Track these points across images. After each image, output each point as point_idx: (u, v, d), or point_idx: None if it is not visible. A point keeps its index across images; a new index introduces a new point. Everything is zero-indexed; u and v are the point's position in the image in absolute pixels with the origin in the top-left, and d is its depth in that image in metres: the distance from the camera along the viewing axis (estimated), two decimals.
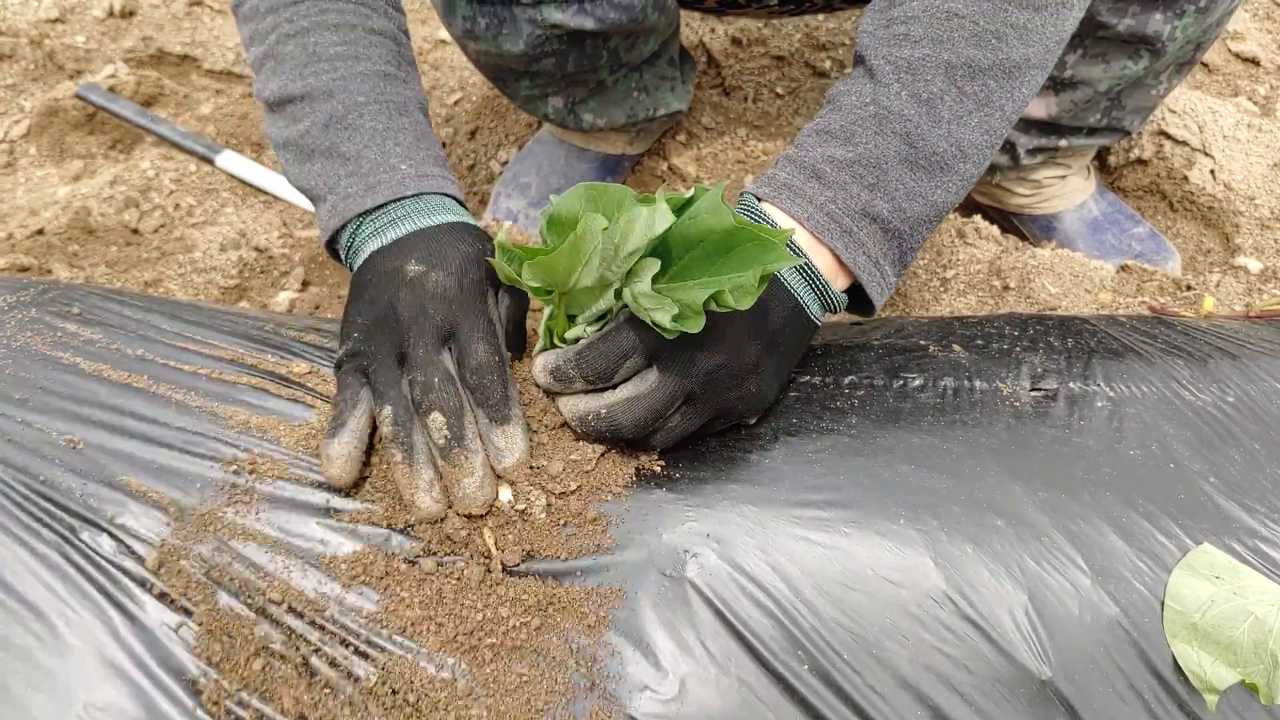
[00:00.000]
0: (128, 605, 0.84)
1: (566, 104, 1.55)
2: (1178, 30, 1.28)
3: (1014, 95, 0.94)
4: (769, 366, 0.89)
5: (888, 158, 0.92)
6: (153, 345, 0.99)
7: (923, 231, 0.96)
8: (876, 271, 0.94)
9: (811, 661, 0.79)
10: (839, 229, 0.92)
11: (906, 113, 0.91)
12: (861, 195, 0.92)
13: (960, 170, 0.94)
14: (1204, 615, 0.80)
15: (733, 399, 0.87)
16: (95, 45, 2.14)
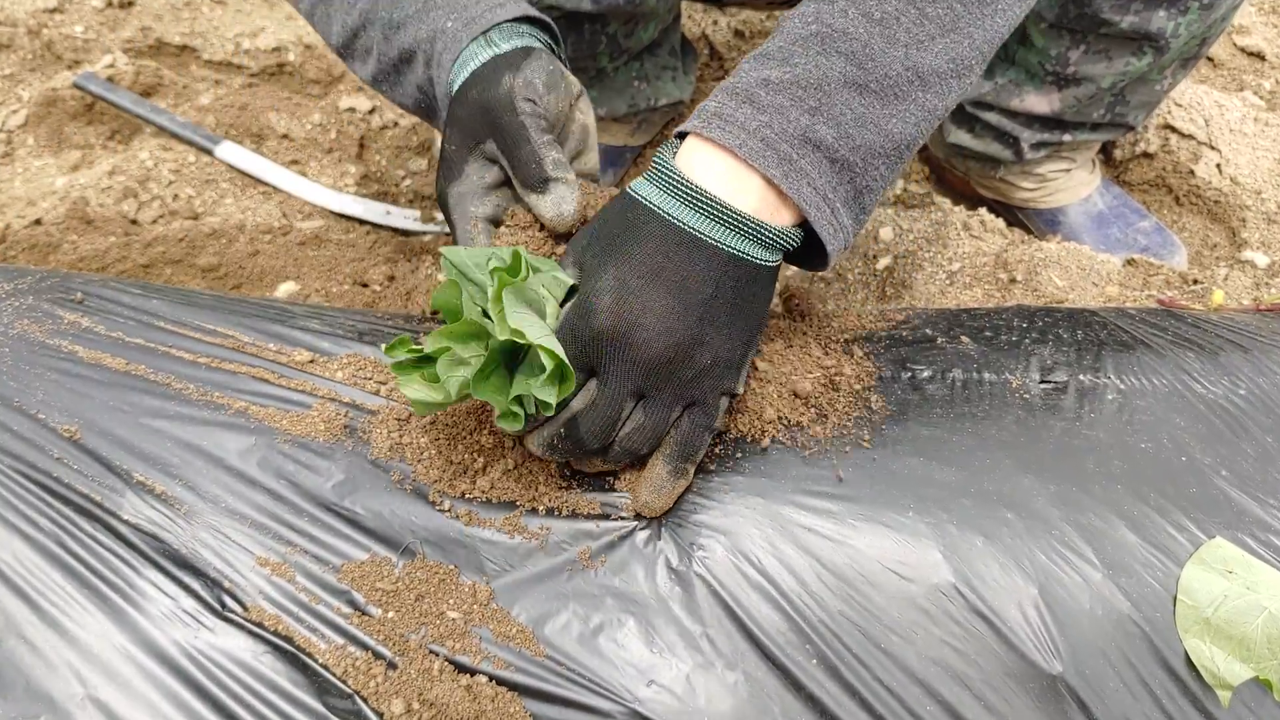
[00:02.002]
0: (128, 595, 0.83)
1: None
2: (1181, 27, 1.27)
3: (985, 25, 0.84)
4: (715, 334, 0.81)
5: (831, 79, 0.81)
6: (152, 334, 0.98)
7: (878, 166, 0.84)
8: (825, 206, 0.82)
9: (819, 655, 0.78)
10: (775, 156, 0.80)
11: (854, 31, 0.81)
12: (801, 119, 0.80)
13: (919, 100, 0.83)
14: (1217, 610, 0.79)
15: (689, 379, 0.81)
16: (94, 35, 2.13)
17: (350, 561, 0.84)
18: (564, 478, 0.87)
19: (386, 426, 0.90)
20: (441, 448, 0.88)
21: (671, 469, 0.82)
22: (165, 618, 0.82)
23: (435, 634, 0.81)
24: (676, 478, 0.83)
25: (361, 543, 0.85)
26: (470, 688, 0.79)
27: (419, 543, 0.85)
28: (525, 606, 0.82)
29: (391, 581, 0.83)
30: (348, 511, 0.86)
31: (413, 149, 1.90)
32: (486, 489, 0.86)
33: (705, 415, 0.83)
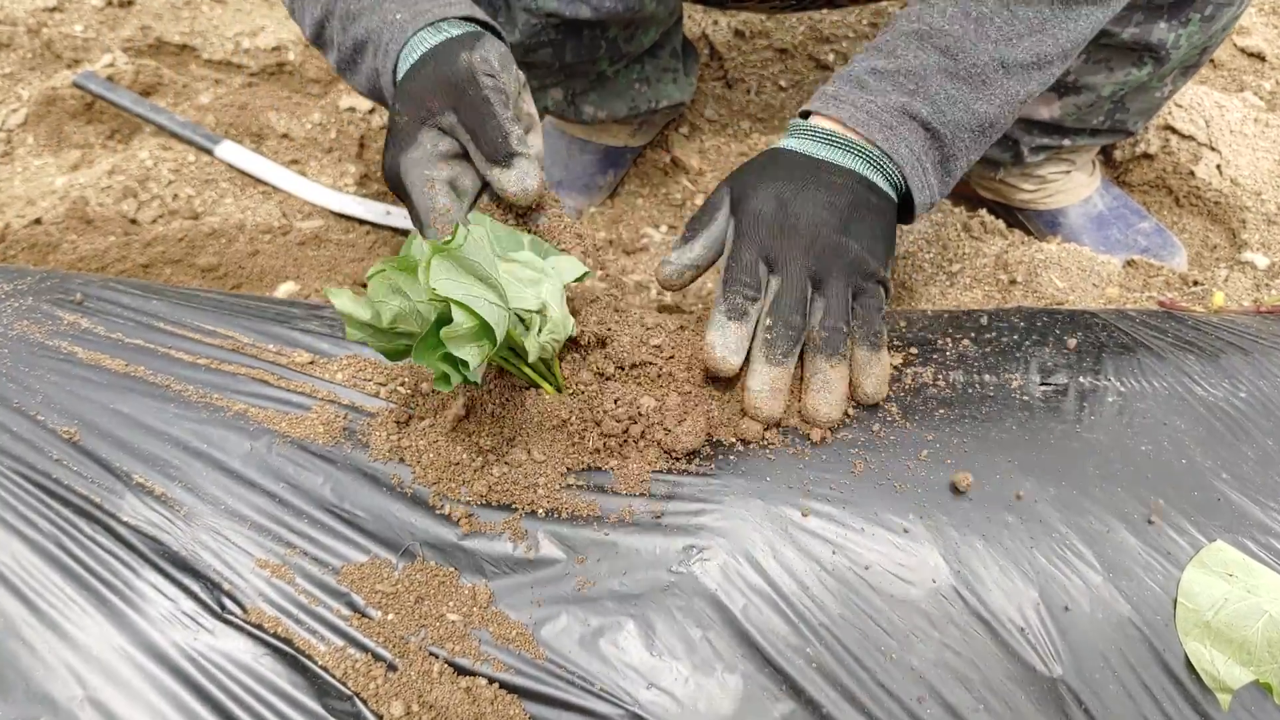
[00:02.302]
0: (128, 596, 0.83)
1: (566, 96, 1.54)
2: (1182, 38, 1.27)
3: (1069, 28, 1.00)
4: (859, 228, 0.94)
5: (927, 68, 0.99)
6: (152, 335, 0.98)
7: (964, 138, 1.01)
8: (919, 166, 0.99)
9: (818, 658, 0.78)
10: (878, 124, 0.98)
11: (949, 28, 0.99)
12: (899, 98, 0.99)
13: (1003, 86, 1.00)
14: (1217, 614, 0.79)
15: (850, 261, 0.92)
16: (93, 34, 2.13)
17: (350, 564, 0.84)
18: (562, 479, 0.87)
19: (386, 429, 0.90)
20: (441, 450, 0.88)
21: (868, 346, 0.91)
22: (165, 619, 0.82)
23: (435, 636, 0.81)
24: (874, 352, 0.91)
25: (361, 544, 0.85)
26: (470, 690, 0.79)
27: (418, 544, 0.85)
28: (524, 609, 0.82)
29: (391, 584, 0.83)
30: (347, 513, 0.86)
31: None
32: (485, 491, 0.86)
33: (872, 298, 0.93)
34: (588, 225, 1.70)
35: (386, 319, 0.79)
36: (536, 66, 1.44)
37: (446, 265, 0.76)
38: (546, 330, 0.84)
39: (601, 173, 1.72)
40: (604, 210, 1.72)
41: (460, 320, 0.75)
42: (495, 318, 0.77)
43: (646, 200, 1.75)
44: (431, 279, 0.75)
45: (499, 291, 0.79)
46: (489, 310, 0.76)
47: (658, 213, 1.72)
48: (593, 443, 0.87)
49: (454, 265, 0.76)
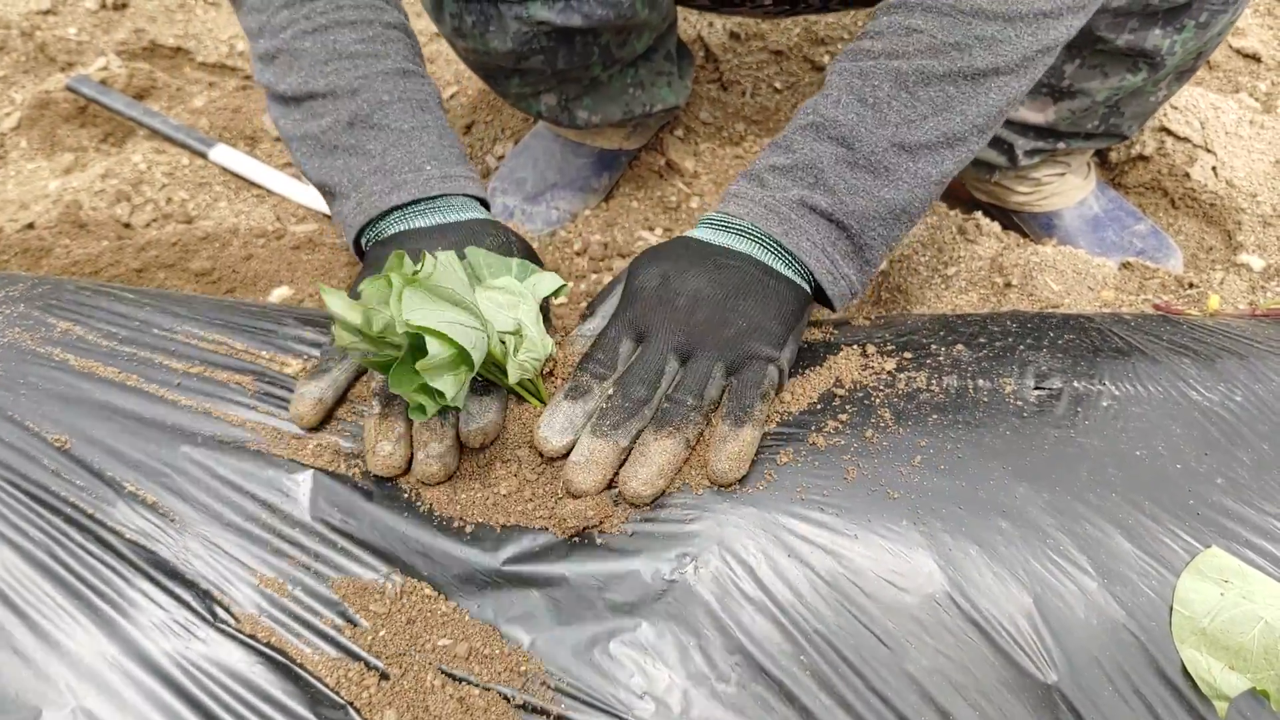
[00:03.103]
0: (119, 605, 0.82)
1: (560, 101, 1.53)
2: (1177, 45, 1.27)
3: (980, 101, 0.96)
4: (748, 305, 0.91)
5: (823, 159, 0.96)
6: (144, 342, 0.97)
7: (874, 226, 0.97)
8: (824, 257, 0.96)
9: (812, 666, 0.78)
10: (776, 218, 0.96)
11: (844, 118, 0.96)
12: (798, 192, 0.96)
13: (909, 169, 0.96)
14: (1213, 620, 0.79)
15: (728, 338, 0.89)
16: (87, 37, 2.12)
17: (343, 576, 0.84)
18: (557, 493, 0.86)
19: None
20: None
21: (731, 421, 0.85)
22: (156, 628, 0.82)
23: (427, 654, 0.81)
24: (736, 428, 0.84)
25: (355, 554, 0.85)
26: (463, 700, 0.79)
27: (412, 554, 0.85)
28: (519, 620, 0.82)
29: (384, 604, 0.83)
30: (340, 523, 0.86)
31: None
32: (480, 503, 0.85)
33: (753, 374, 0.88)
34: (583, 228, 1.69)
35: (376, 327, 0.79)
36: (528, 73, 1.44)
37: (419, 296, 0.76)
38: (524, 350, 0.84)
39: (596, 175, 1.72)
40: (599, 213, 1.72)
41: (436, 351, 0.75)
42: (471, 341, 0.77)
43: (641, 203, 1.74)
44: (404, 311, 0.74)
45: (475, 314, 0.79)
46: (464, 335, 0.76)
47: (653, 215, 1.72)
48: None
49: (426, 295, 0.76)
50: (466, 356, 0.77)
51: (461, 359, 0.76)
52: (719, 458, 0.84)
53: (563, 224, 1.69)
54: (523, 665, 0.80)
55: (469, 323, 0.77)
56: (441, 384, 0.76)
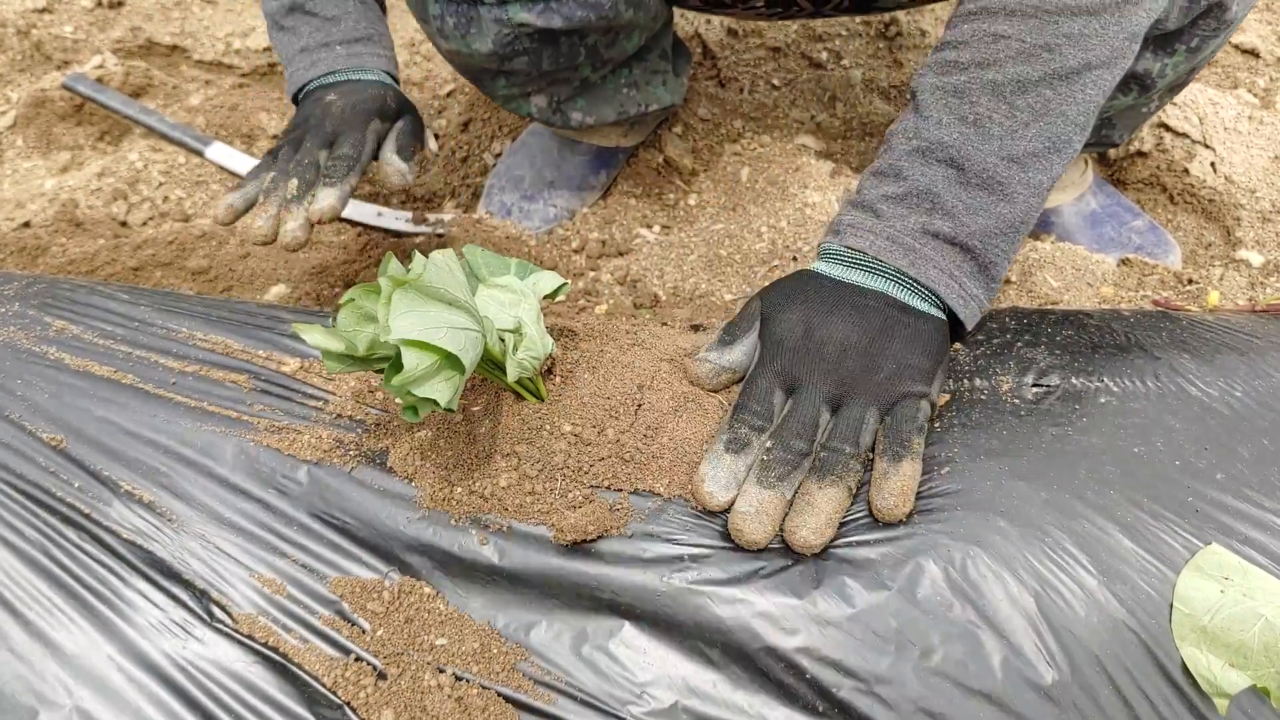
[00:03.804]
0: (116, 605, 0.82)
1: (551, 103, 1.52)
2: (1168, 68, 1.27)
3: (1077, 99, 0.95)
4: (894, 346, 0.91)
5: (937, 184, 0.95)
6: (140, 341, 0.97)
7: (997, 243, 0.96)
8: (953, 283, 0.95)
9: (813, 671, 0.78)
10: (901, 249, 0.95)
11: (949, 139, 0.95)
12: (918, 220, 0.95)
13: (1022, 180, 0.95)
14: (1213, 618, 0.78)
15: (879, 383, 0.89)
16: (83, 35, 2.12)
17: (341, 575, 0.84)
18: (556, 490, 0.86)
19: (376, 435, 0.90)
20: (431, 459, 0.87)
21: (889, 458, 0.85)
22: (153, 628, 0.82)
23: (424, 656, 0.81)
24: (894, 463, 0.84)
25: (352, 553, 0.85)
26: (461, 699, 0.79)
27: (409, 551, 0.84)
28: (515, 618, 0.81)
29: (382, 604, 0.83)
30: (338, 521, 0.86)
31: None
32: (477, 501, 0.85)
33: (906, 412, 0.88)
34: (580, 226, 1.69)
35: (364, 348, 0.78)
36: (513, 74, 1.43)
37: (409, 297, 0.75)
38: (523, 348, 0.84)
39: (594, 173, 1.71)
40: (596, 211, 1.72)
41: (412, 364, 0.74)
42: (461, 344, 0.75)
43: (639, 200, 1.74)
44: (392, 316, 0.73)
45: (470, 313, 0.78)
46: (453, 338, 0.75)
47: (650, 213, 1.72)
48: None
49: (417, 295, 0.75)
50: (455, 361, 0.76)
51: (450, 363, 0.76)
52: (882, 494, 0.83)
53: (560, 222, 1.69)
54: (520, 664, 0.80)
55: (461, 324, 0.76)
56: (431, 392, 0.75)
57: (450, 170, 1.85)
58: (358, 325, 0.78)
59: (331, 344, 0.78)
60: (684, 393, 0.91)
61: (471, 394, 0.91)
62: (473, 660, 0.80)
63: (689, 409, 0.90)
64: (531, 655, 0.80)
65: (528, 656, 0.80)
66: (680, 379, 0.92)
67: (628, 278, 1.53)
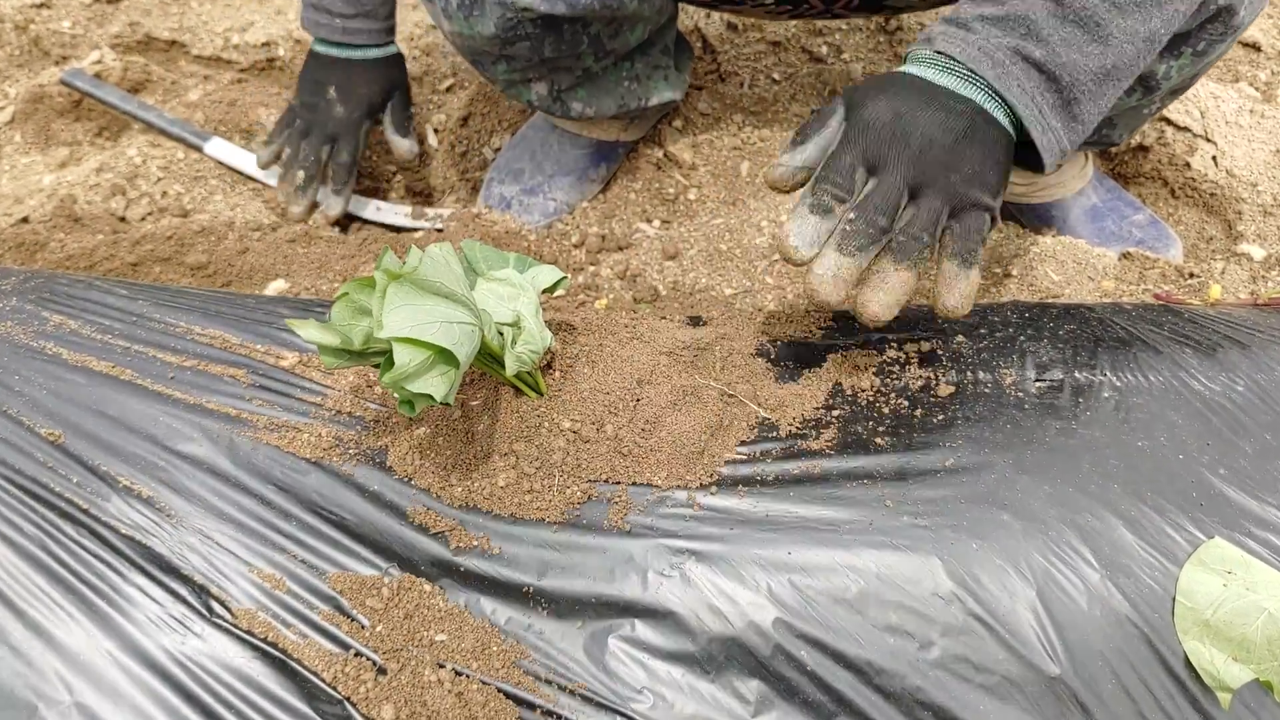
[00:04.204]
0: (114, 600, 0.82)
1: (552, 91, 1.52)
2: (1173, 70, 1.26)
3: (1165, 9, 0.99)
4: (972, 152, 0.93)
5: (1035, 11, 0.96)
6: (138, 336, 0.97)
7: (1085, 83, 0.97)
8: (1034, 106, 0.96)
9: (814, 663, 0.77)
10: (989, 61, 0.96)
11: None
12: (1011, 40, 0.96)
13: (1120, 25, 0.97)
14: (1216, 612, 0.78)
15: (954, 182, 0.91)
16: (81, 31, 2.11)
17: (340, 571, 0.83)
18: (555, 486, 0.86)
19: (375, 432, 0.89)
20: (430, 457, 0.87)
21: (958, 261, 0.89)
22: (152, 623, 0.81)
23: (424, 650, 0.81)
24: (964, 269, 0.89)
25: (350, 548, 0.84)
26: (462, 695, 0.78)
27: (409, 548, 0.84)
28: (516, 614, 0.81)
29: (381, 600, 0.82)
30: (336, 516, 0.85)
31: None
32: (478, 495, 0.85)
33: (974, 220, 0.91)
34: (580, 220, 1.68)
35: (359, 342, 0.78)
36: (515, 59, 1.42)
37: (404, 291, 0.74)
38: (522, 342, 0.83)
39: (594, 167, 1.70)
40: (596, 205, 1.71)
41: (407, 359, 0.73)
42: (455, 338, 0.75)
43: (639, 195, 1.73)
44: (385, 311, 0.73)
45: (467, 306, 0.78)
46: (446, 333, 0.74)
47: (650, 207, 1.71)
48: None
49: (412, 289, 0.75)
50: (449, 356, 0.75)
51: (444, 358, 0.75)
52: (951, 294, 0.89)
53: (560, 216, 1.68)
54: (522, 660, 0.80)
55: (457, 317, 0.76)
56: (425, 387, 0.75)
57: (449, 165, 1.85)
58: (352, 319, 0.78)
59: (326, 338, 0.78)
60: (682, 386, 0.91)
61: (470, 388, 0.91)
62: (472, 656, 0.80)
63: (687, 402, 0.89)
64: (532, 652, 0.80)
65: (528, 653, 0.80)
66: (679, 372, 0.92)
67: (627, 272, 1.53)
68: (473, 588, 0.83)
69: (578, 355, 0.92)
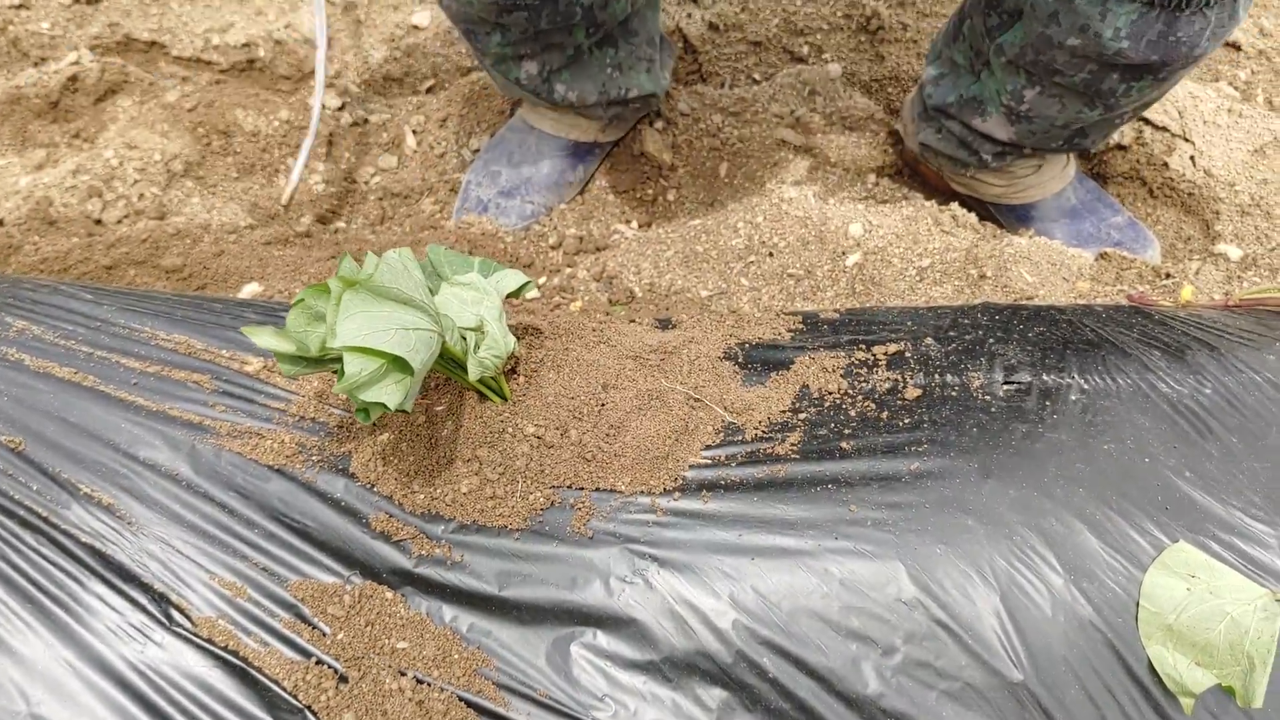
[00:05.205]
0: (73, 609, 0.81)
1: (541, 71, 1.50)
2: (1134, 91, 1.26)
3: None
4: None
5: None
6: (102, 341, 0.96)
7: None
8: None
9: (776, 670, 0.77)
10: None
11: None
12: None
13: None
14: (1179, 616, 0.78)
15: None
16: (60, 32, 2.10)
17: (302, 578, 0.83)
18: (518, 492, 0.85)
19: (338, 438, 0.89)
20: (393, 464, 0.87)
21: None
22: (112, 632, 0.81)
23: (385, 659, 0.80)
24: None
25: (312, 555, 0.84)
26: (423, 703, 0.78)
27: (371, 555, 0.83)
28: (478, 622, 0.81)
29: (342, 607, 0.82)
30: (298, 523, 0.85)
31: (382, 146, 1.88)
32: (439, 503, 0.84)
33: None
34: (558, 222, 1.68)
35: (315, 349, 0.77)
36: (509, 30, 1.41)
37: (360, 297, 0.73)
38: (485, 347, 0.83)
39: (571, 168, 1.70)
40: (574, 206, 1.71)
41: (358, 369, 0.73)
42: (411, 345, 0.74)
43: (618, 197, 1.73)
44: (340, 319, 0.72)
45: (426, 312, 0.77)
46: (400, 340, 0.74)
47: (629, 209, 1.71)
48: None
49: (369, 295, 0.74)
50: (403, 363, 0.74)
51: (398, 366, 0.74)
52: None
53: (537, 218, 1.67)
54: (483, 669, 0.79)
55: (414, 323, 0.75)
56: (379, 396, 0.74)
57: (428, 166, 1.84)
58: (309, 326, 0.77)
59: (283, 346, 0.77)
60: (648, 390, 0.90)
61: (435, 393, 0.90)
62: (434, 664, 0.80)
63: (652, 407, 0.89)
64: (494, 660, 0.79)
65: (490, 661, 0.79)
66: (645, 376, 0.92)
67: (604, 274, 1.52)
68: (434, 595, 0.82)
69: (543, 360, 0.92)
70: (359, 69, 2.02)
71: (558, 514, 0.83)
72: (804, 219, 1.48)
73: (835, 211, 1.49)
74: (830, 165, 1.69)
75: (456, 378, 0.87)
